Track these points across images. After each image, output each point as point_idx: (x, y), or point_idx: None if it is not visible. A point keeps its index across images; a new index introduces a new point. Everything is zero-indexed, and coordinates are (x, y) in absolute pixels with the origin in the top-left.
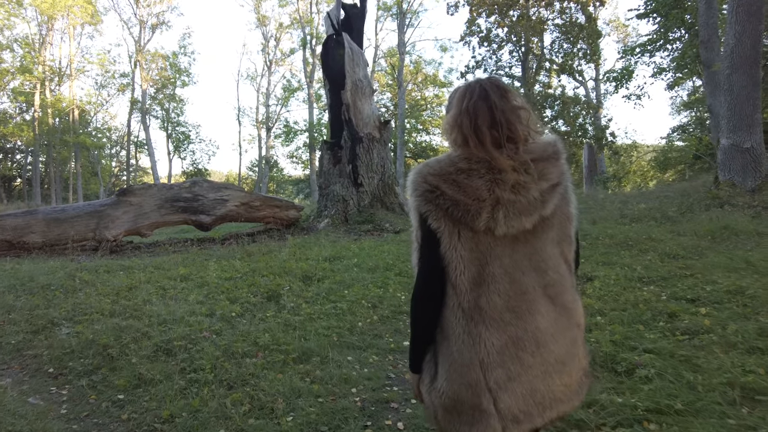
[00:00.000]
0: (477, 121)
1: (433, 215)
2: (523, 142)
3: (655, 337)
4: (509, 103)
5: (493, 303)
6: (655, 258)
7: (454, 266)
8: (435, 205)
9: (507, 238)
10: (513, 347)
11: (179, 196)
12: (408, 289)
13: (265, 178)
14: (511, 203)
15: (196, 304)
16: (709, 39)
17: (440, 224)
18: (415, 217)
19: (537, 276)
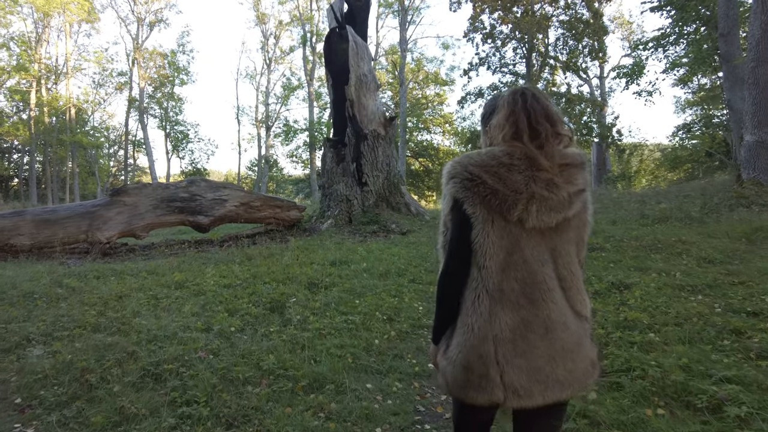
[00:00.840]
0: (522, 120)
1: (469, 201)
2: (559, 146)
3: (730, 362)
4: (549, 108)
5: (512, 287)
6: (692, 262)
7: (484, 251)
8: (474, 192)
9: (534, 231)
10: (524, 328)
11: (176, 196)
12: (425, 298)
13: (264, 178)
14: (543, 199)
15: (191, 317)
16: (729, 31)
17: (476, 210)
18: (448, 202)
19: (553, 269)
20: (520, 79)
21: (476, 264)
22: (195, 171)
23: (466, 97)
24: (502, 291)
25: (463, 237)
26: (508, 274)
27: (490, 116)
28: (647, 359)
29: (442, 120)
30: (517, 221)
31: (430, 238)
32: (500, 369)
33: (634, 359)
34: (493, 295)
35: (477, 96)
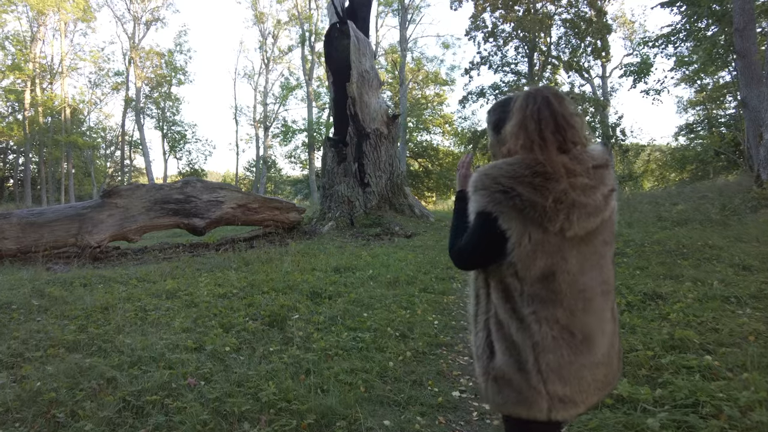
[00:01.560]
0: (541, 125)
1: (505, 216)
2: (582, 147)
3: None
4: (568, 110)
5: (554, 298)
6: (726, 270)
7: (522, 263)
8: (508, 206)
9: (575, 239)
10: (568, 338)
11: (170, 198)
12: (439, 310)
13: (262, 179)
14: (583, 206)
15: (182, 333)
16: (745, 27)
17: (511, 225)
18: (475, 211)
19: (595, 274)
20: (522, 78)
21: (516, 275)
22: (192, 172)
23: (468, 97)
24: (543, 301)
25: (489, 248)
26: (549, 284)
27: (503, 123)
28: (713, 390)
29: (442, 120)
30: (557, 231)
31: (437, 242)
32: (543, 378)
33: (699, 391)
34: (533, 305)
35: (478, 96)
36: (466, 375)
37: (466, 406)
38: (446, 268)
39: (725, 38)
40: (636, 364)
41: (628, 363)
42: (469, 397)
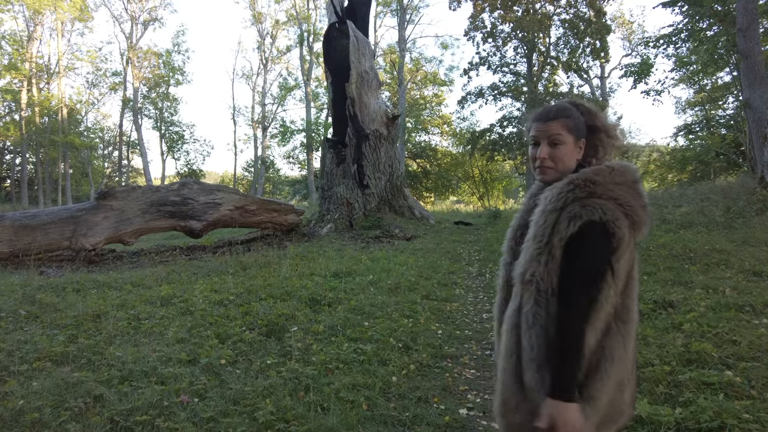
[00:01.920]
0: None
1: (619, 223)
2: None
3: None
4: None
5: (632, 306)
6: (737, 276)
7: (619, 274)
8: (621, 213)
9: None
10: (633, 350)
11: (166, 200)
12: (442, 319)
13: (261, 179)
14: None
15: (176, 344)
16: (749, 26)
17: (624, 233)
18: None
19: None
20: (521, 78)
21: (614, 288)
22: (190, 172)
23: (467, 97)
24: (629, 311)
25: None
26: (630, 294)
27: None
28: (739, 410)
29: (440, 121)
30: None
31: (437, 245)
32: (624, 387)
33: (725, 412)
34: (622, 317)
35: (477, 96)
36: (474, 390)
37: (474, 425)
38: (448, 273)
39: (727, 38)
40: (653, 380)
41: (644, 379)
42: (478, 415)
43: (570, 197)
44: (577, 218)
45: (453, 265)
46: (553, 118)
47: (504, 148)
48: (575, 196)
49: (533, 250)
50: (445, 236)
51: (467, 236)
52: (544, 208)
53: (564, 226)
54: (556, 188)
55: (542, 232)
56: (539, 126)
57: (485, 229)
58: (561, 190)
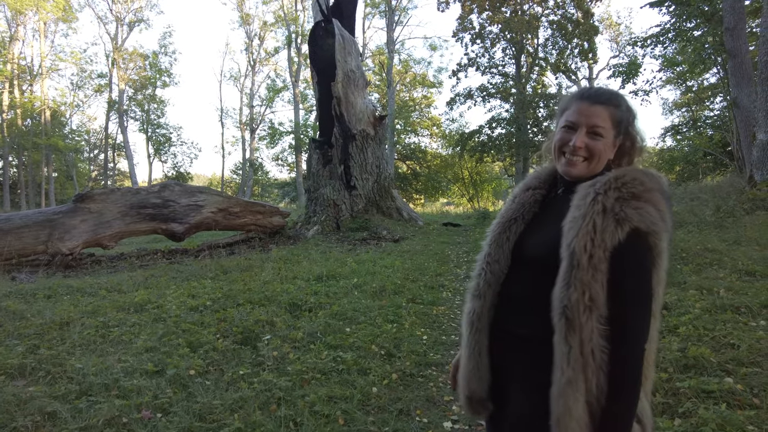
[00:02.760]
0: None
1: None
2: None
3: None
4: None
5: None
6: (730, 276)
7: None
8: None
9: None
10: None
11: (147, 202)
12: (428, 324)
13: (249, 182)
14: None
15: (144, 353)
16: (736, 25)
17: (665, 246)
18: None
19: None
20: (509, 80)
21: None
22: (178, 175)
23: (455, 99)
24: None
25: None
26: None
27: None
28: (743, 422)
29: (429, 122)
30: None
31: (425, 247)
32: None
33: (728, 424)
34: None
35: (466, 97)
36: (458, 401)
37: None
38: (435, 275)
39: (714, 38)
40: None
41: None
42: (462, 428)
43: (617, 195)
44: (624, 222)
45: (441, 267)
46: (604, 102)
47: (493, 149)
48: (620, 195)
49: (585, 265)
50: (433, 238)
51: (456, 237)
52: (585, 211)
53: (610, 232)
54: (599, 183)
55: (590, 240)
56: (583, 107)
57: (474, 230)
58: (608, 186)
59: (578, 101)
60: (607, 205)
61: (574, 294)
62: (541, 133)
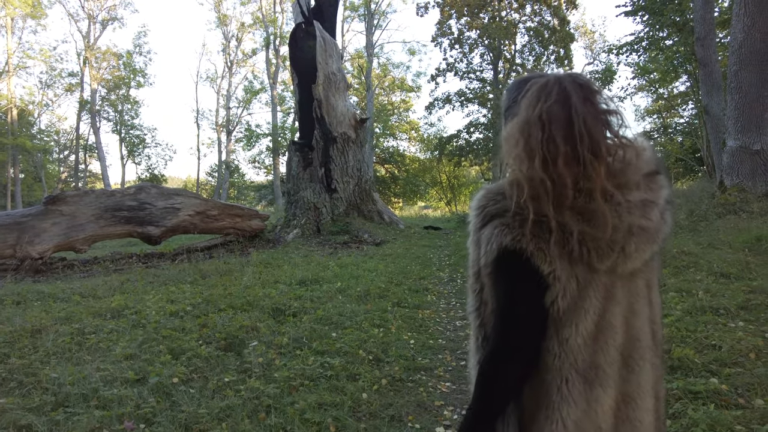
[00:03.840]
0: (552, 132)
1: (541, 254)
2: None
3: None
4: (594, 108)
5: (611, 358)
6: (707, 278)
7: (569, 318)
8: (545, 240)
9: (625, 275)
10: (625, 407)
11: (122, 205)
12: (414, 327)
13: (225, 184)
14: (642, 231)
15: (123, 361)
16: (706, 36)
17: (553, 265)
18: (491, 254)
19: (649, 312)
20: (487, 85)
21: (556, 336)
22: (152, 177)
23: (434, 103)
24: (597, 367)
25: (531, 303)
26: (603, 342)
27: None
28: (731, 422)
29: (408, 126)
30: (607, 269)
31: (407, 250)
32: None
33: (718, 424)
34: (586, 376)
35: (445, 102)
36: (450, 405)
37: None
38: (419, 278)
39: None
40: None
41: None
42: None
43: (489, 213)
44: (491, 243)
45: (423, 270)
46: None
47: (471, 153)
48: (490, 212)
49: (469, 277)
50: (414, 241)
51: (437, 241)
52: (469, 226)
53: (483, 251)
54: (474, 200)
55: (472, 255)
56: None
57: (455, 233)
58: (478, 203)
59: None
60: (478, 224)
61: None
62: None
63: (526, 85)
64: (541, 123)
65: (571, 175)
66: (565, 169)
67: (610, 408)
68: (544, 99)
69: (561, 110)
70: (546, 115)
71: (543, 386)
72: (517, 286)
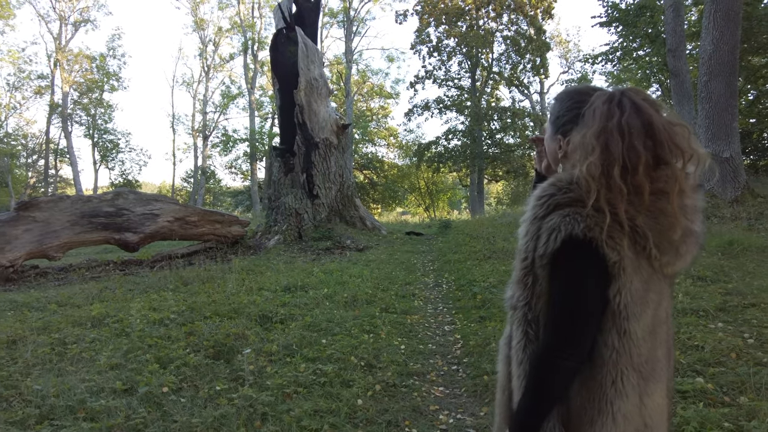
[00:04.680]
0: (632, 140)
1: (611, 242)
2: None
3: None
4: (666, 119)
5: (662, 353)
6: (685, 281)
7: (630, 311)
8: (617, 232)
9: (670, 275)
10: (669, 402)
11: (99, 211)
12: (404, 333)
13: (201, 190)
14: (692, 234)
15: (109, 371)
16: (677, 47)
17: (622, 257)
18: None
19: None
20: (464, 93)
21: (615, 330)
22: (126, 183)
23: (413, 110)
24: (654, 362)
25: (595, 294)
26: (656, 338)
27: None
28: (720, 419)
29: (386, 133)
30: (662, 266)
31: (390, 256)
32: None
33: (708, 422)
34: (641, 370)
35: (423, 109)
36: (445, 410)
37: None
38: (405, 284)
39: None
40: None
41: None
42: None
43: (555, 202)
44: (557, 231)
45: (409, 275)
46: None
47: (450, 160)
48: (558, 201)
49: (518, 269)
50: (397, 247)
51: (419, 246)
52: (525, 216)
53: (543, 240)
54: (538, 189)
55: (525, 246)
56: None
57: (437, 239)
58: (544, 192)
59: None
60: (540, 213)
61: (507, 291)
62: (495, 145)
63: (580, 96)
64: (620, 132)
65: (649, 181)
66: (645, 175)
67: (658, 404)
68: (620, 110)
69: (638, 121)
70: (626, 126)
71: (596, 380)
72: (583, 276)
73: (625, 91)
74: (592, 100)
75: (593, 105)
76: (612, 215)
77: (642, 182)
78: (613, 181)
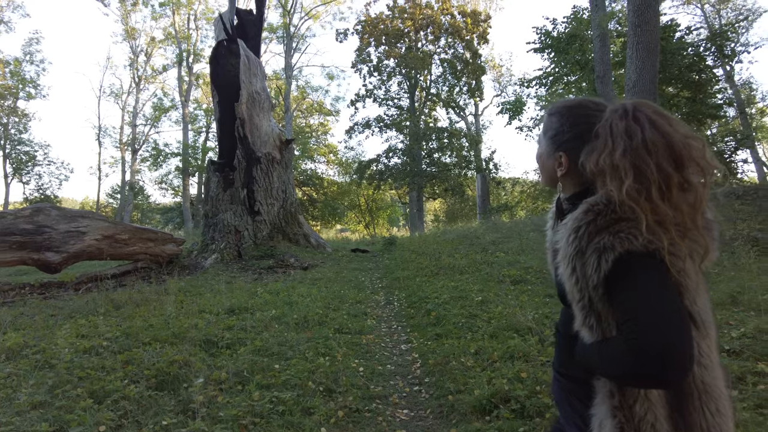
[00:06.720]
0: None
1: (676, 253)
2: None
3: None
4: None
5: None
6: None
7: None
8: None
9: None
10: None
11: (15, 228)
12: (361, 354)
13: (128, 206)
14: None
15: (31, 410)
16: (605, 74)
17: (686, 264)
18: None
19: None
20: (404, 113)
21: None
22: (43, 198)
23: (354, 128)
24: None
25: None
26: (713, 336)
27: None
28: None
29: (326, 150)
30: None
31: (337, 274)
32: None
33: None
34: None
35: (364, 127)
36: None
37: None
38: (355, 302)
39: (587, 84)
40: None
41: None
42: None
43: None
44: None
45: (359, 294)
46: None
47: (390, 177)
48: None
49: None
50: (344, 264)
51: (366, 264)
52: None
53: (593, 267)
54: (571, 218)
55: (576, 287)
56: None
57: (382, 256)
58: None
59: None
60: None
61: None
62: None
63: (583, 110)
64: (647, 152)
65: (686, 202)
66: (680, 196)
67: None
68: (639, 127)
69: (660, 137)
70: (651, 144)
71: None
72: (659, 286)
73: (637, 104)
74: (606, 116)
75: (608, 121)
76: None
77: (680, 207)
78: (656, 205)
